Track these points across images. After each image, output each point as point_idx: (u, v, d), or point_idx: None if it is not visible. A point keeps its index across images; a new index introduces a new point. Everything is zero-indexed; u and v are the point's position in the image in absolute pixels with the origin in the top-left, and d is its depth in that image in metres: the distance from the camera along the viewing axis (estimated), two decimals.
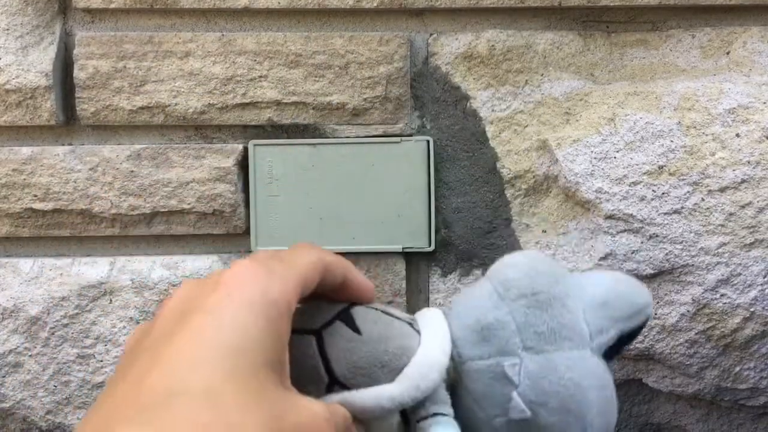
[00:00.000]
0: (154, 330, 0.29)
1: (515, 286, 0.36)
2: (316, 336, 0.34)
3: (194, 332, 0.27)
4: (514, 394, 0.35)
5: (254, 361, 0.27)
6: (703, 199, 0.71)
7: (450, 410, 0.35)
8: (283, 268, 0.31)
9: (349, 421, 0.32)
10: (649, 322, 0.38)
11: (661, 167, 0.72)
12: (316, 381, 0.34)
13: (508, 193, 0.79)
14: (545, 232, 0.78)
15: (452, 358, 0.36)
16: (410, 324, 0.37)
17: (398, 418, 0.35)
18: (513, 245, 0.80)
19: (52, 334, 0.80)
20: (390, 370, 0.34)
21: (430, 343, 0.35)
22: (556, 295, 0.36)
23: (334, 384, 0.34)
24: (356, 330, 0.35)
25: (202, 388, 0.25)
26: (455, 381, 0.37)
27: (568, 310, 0.36)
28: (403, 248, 0.79)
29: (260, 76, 0.78)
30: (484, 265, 0.81)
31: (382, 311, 0.37)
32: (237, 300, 0.28)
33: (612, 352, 0.38)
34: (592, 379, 0.35)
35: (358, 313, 0.36)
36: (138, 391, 0.26)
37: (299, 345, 0.34)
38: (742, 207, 0.71)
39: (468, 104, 0.79)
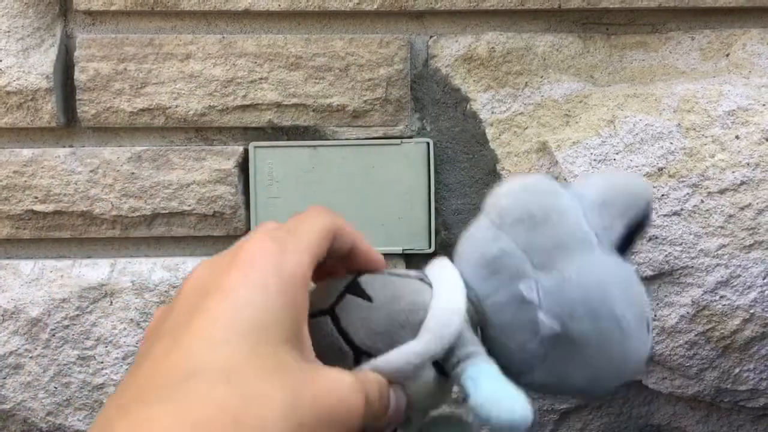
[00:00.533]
0: (173, 312, 0.29)
1: (510, 214, 0.36)
2: (330, 315, 0.34)
3: (212, 313, 0.28)
4: (540, 313, 0.34)
5: (273, 339, 0.28)
6: (702, 201, 0.71)
7: (481, 348, 0.34)
8: (295, 241, 0.32)
9: (385, 386, 0.32)
10: (652, 208, 0.36)
11: (660, 169, 0.72)
12: (342, 358, 0.34)
13: None
14: None
15: (471, 300, 0.35)
16: (420, 279, 0.36)
17: (434, 372, 0.34)
18: None
19: (53, 335, 0.80)
20: (411, 329, 0.34)
21: (443, 291, 0.35)
22: (551, 208, 0.35)
23: (360, 356, 0.34)
24: (367, 298, 0.34)
25: (221, 366, 0.26)
26: (480, 322, 0.36)
27: (568, 219, 0.35)
28: (403, 250, 0.79)
29: (261, 78, 0.78)
30: None
31: (389, 273, 0.37)
32: (252, 279, 0.29)
33: (624, 246, 0.37)
34: (610, 275, 0.34)
35: (366, 281, 0.36)
36: (157, 372, 0.26)
37: (317, 328, 0.34)
38: (742, 209, 0.71)
39: (468, 106, 0.79)
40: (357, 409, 0.29)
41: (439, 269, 0.37)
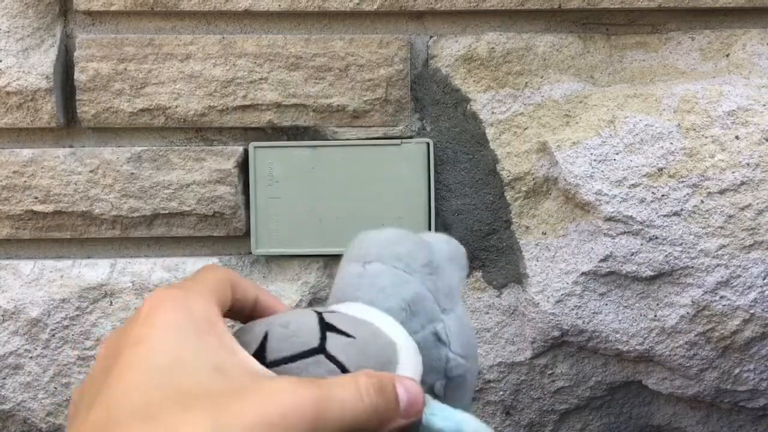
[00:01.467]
0: (92, 377, 0.30)
1: (416, 259, 0.39)
2: (323, 353, 0.34)
3: (126, 364, 0.28)
4: (450, 353, 0.37)
5: (194, 370, 0.27)
6: (702, 201, 0.71)
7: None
8: (198, 287, 0.32)
9: (388, 379, 0.31)
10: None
11: (660, 169, 0.72)
12: None
13: (508, 195, 0.79)
14: (545, 234, 0.78)
15: None
16: (363, 320, 0.37)
17: None
18: (513, 247, 0.80)
19: (53, 336, 0.80)
20: (392, 364, 0.35)
21: (396, 331, 0.36)
22: (438, 259, 0.40)
23: None
24: (348, 335, 0.35)
25: (141, 409, 0.26)
26: None
27: (448, 271, 0.40)
28: None
29: (260, 79, 0.78)
30: (484, 267, 0.81)
31: (337, 312, 0.37)
32: (162, 326, 0.29)
33: None
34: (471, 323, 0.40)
35: (332, 319, 0.35)
36: (83, 429, 0.26)
37: (306, 367, 0.33)
38: (742, 209, 0.71)
39: (468, 106, 0.79)
40: (308, 411, 0.28)
41: (366, 313, 0.37)
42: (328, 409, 0.28)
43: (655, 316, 0.75)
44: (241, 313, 0.36)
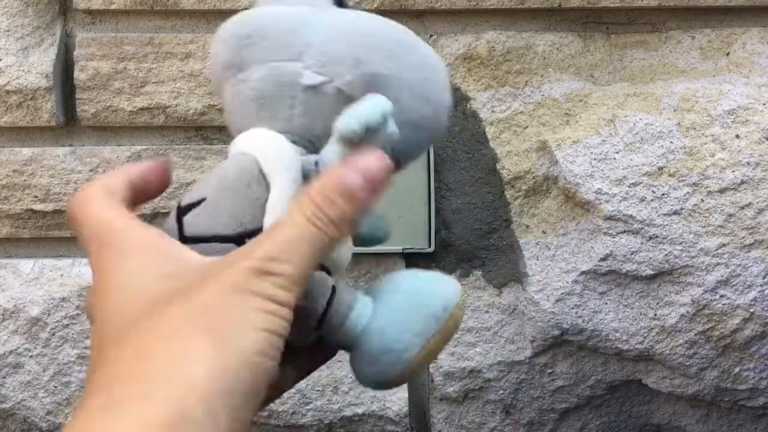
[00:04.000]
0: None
1: None
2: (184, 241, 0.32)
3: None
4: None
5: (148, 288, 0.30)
6: (702, 200, 0.71)
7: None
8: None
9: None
10: None
11: (660, 168, 0.72)
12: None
13: (508, 194, 0.79)
14: (545, 233, 0.78)
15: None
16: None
17: None
18: (513, 246, 0.80)
19: (53, 334, 0.80)
20: (257, 180, 0.32)
21: (255, 141, 0.34)
22: None
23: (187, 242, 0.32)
24: (199, 203, 0.32)
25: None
26: None
27: None
28: (403, 249, 0.79)
29: None
30: (484, 266, 0.81)
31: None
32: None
33: None
34: None
35: (189, 197, 0.34)
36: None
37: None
38: (742, 208, 0.71)
39: (468, 105, 0.79)
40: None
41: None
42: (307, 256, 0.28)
43: (655, 315, 0.75)
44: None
